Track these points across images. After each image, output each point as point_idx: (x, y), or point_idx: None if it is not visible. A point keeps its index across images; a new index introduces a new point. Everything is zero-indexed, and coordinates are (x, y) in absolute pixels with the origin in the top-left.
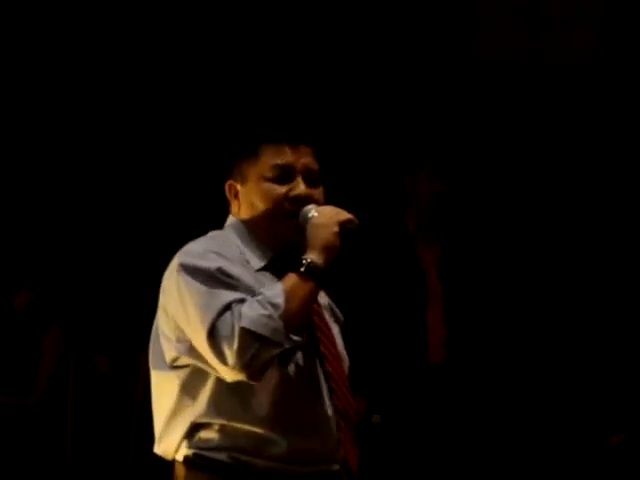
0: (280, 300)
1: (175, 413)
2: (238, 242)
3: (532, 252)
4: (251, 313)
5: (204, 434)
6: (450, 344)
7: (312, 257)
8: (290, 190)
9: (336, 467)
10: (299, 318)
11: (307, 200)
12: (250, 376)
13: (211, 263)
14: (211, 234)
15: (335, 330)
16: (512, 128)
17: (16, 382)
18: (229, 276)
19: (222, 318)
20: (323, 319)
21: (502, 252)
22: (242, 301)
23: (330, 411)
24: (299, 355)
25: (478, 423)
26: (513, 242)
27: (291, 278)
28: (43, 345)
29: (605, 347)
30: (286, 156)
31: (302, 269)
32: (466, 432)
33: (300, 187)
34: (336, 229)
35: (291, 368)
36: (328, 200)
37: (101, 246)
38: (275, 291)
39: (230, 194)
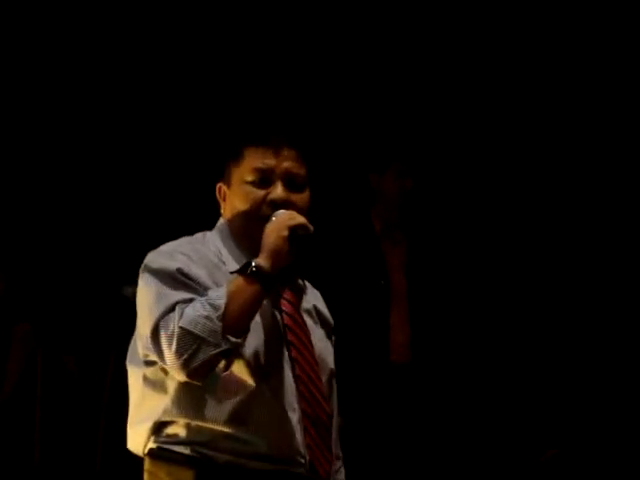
0: (221, 302)
1: (140, 409)
2: (219, 243)
3: (499, 251)
4: (191, 313)
5: (169, 430)
6: (415, 344)
7: (259, 261)
8: (268, 194)
9: (301, 470)
10: (239, 320)
11: (284, 204)
12: (189, 375)
13: (173, 263)
14: (197, 235)
15: (318, 334)
16: (480, 125)
17: None
18: (187, 276)
19: (166, 317)
20: (299, 322)
21: (468, 251)
22: (190, 301)
23: (297, 414)
24: (268, 357)
25: (441, 423)
26: (480, 241)
27: (236, 281)
28: (12, 342)
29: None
30: (267, 160)
31: (247, 272)
32: (428, 432)
33: (277, 191)
34: (285, 233)
35: (258, 370)
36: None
37: (72, 245)
38: (218, 293)
39: (220, 196)
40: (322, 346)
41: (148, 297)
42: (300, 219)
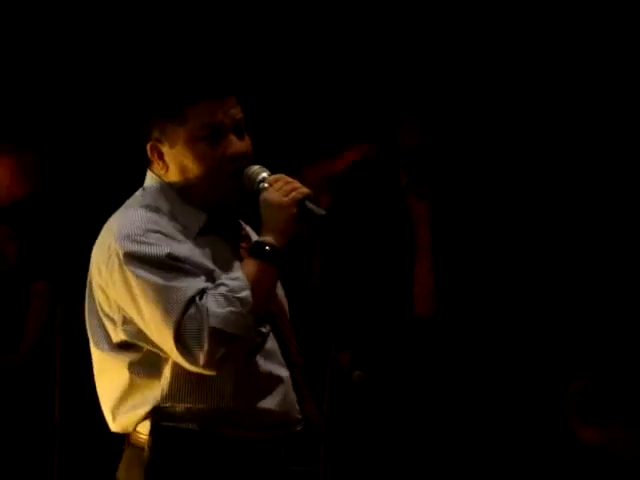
0: (247, 293)
1: (130, 393)
2: (170, 207)
3: (524, 205)
4: (220, 310)
5: (170, 411)
6: (438, 297)
7: (271, 241)
8: (226, 149)
9: (299, 426)
10: (265, 307)
11: (244, 156)
12: (219, 370)
13: (158, 249)
14: (139, 202)
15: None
16: (505, 81)
17: (3, 338)
18: (179, 260)
19: (187, 317)
20: None
21: (493, 205)
22: (203, 291)
23: (287, 369)
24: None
25: (464, 377)
26: (504, 196)
27: (253, 266)
28: (30, 300)
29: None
30: (215, 113)
31: (264, 255)
32: (452, 387)
33: (235, 144)
34: (294, 211)
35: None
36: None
37: (90, 199)
38: (239, 282)
39: (152, 155)
40: (279, 292)
41: (150, 296)
42: (303, 189)
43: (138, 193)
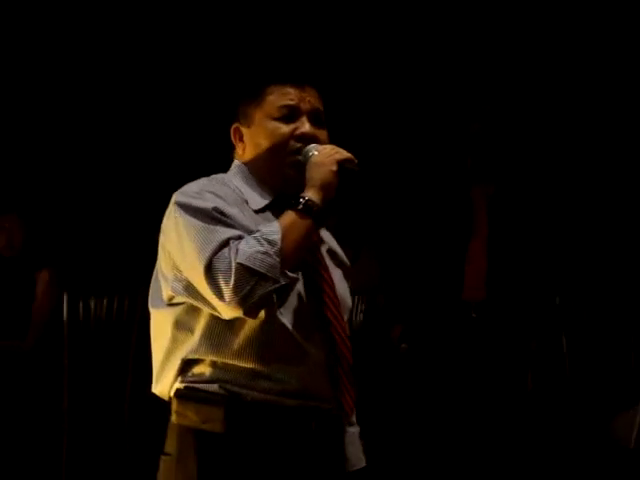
0: (277, 237)
1: (170, 351)
2: (239, 183)
3: (581, 195)
4: (248, 249)
5: (196, 369)
6: (489, 283)
7: (309, 195)
8: (296, 129)
9: (328, 406)
10: (295, 255)
11: (312, 139)
12: (246, 312)
13: (207, 203)
14: (212, 176)
15: (337, 275)
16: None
17: (11, 326)
18: (225, 215)
19: (219, 254)
20: (323, 264)
21: (552, 197)
22: (239, 238)
23: (324, 352)
24: (296, 298)
25: (508, 363)
26: (564, 187)
27: (288, 215)
28: (36, 288)
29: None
30: (292, 96)
31: (299, 207)
32: (496, 369)
33: (305, 126)
34: (334, 168)
35: (286, 309)
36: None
37: (96, 187)
38: (272, 228)
39: (235, 137)
40: (342, 286)
41: (191, 235)
42: (345, 153)
43: None
